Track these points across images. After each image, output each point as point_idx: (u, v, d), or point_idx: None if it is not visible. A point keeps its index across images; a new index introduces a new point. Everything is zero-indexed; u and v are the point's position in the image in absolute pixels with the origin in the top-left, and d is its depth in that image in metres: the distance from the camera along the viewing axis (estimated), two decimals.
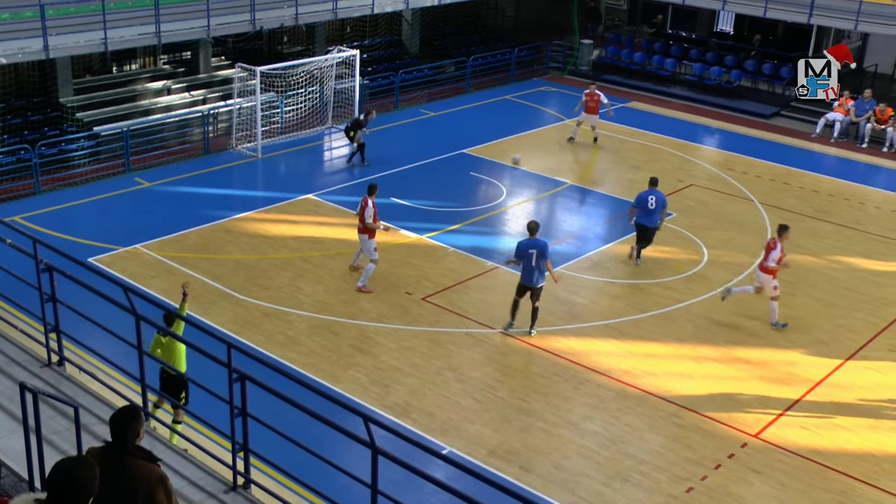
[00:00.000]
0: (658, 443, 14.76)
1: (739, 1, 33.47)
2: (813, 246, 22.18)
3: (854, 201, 25.51)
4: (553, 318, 18.07)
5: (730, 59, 35.20)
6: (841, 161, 29.03)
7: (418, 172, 24.99)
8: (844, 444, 15.07)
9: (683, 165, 27.29)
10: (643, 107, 32.90)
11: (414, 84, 32.10)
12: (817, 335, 18.25)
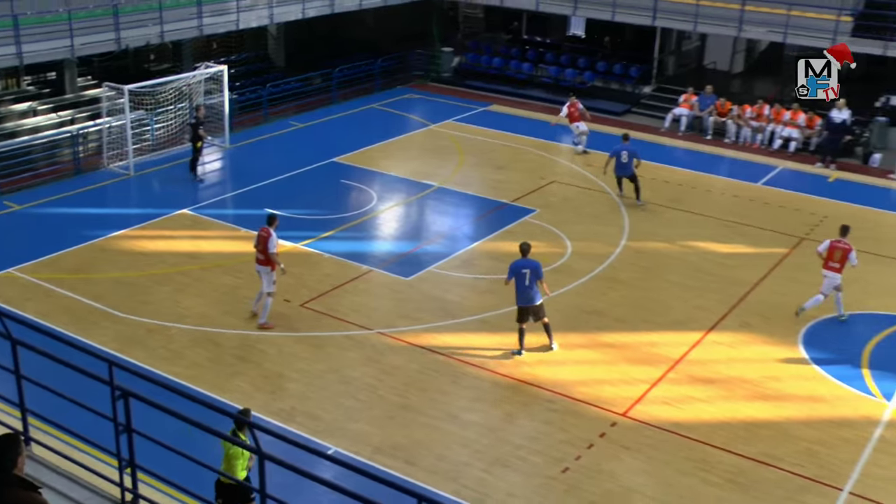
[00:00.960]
0: (534, 428, 15.08)
1: (589, 6, 34.11)
2: (666, 233, 22.91)
3: (701, 189, 26.37)
4: (428, 316, 18.24)
5: (583, 62, 36.04)
6: (688, 152, 29.98)
7: (290, 182, 24.86)
8: (702, 415, 15.73)
9: (545, 164, 27.74)
10: (504, 109, 33.37)
11: (282, 97, 31.93)
12: (674, 316, 18.88)
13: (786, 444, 14.95)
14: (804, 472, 14.30)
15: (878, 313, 19.49)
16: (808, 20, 30.68)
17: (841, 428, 15.51)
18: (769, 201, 25.68)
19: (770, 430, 15.32)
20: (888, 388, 16.72)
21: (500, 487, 13.58)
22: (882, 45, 30.07)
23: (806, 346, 18.07)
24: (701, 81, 32.97)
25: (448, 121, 31.43)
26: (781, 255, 22.01)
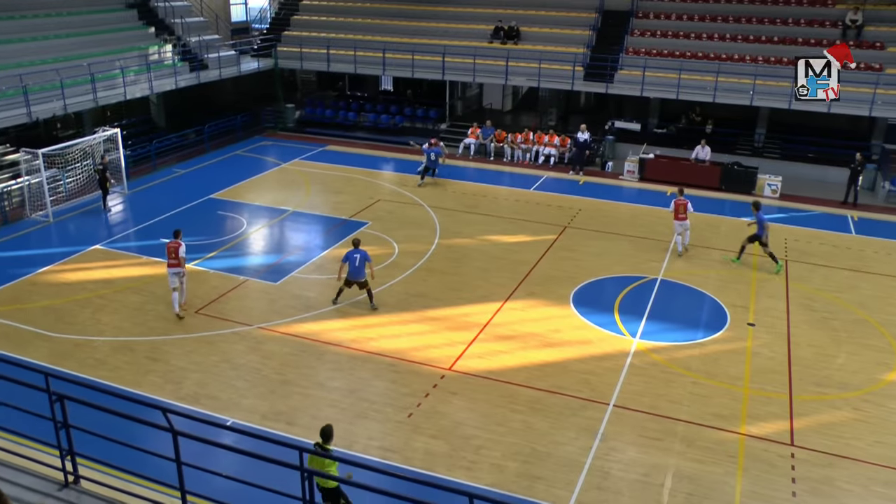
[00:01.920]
0: (383, 387, 15.03)
1: (394, 68, 34.32)
2: (468, 231, 23.22)
3: (490, 197, 26.83)
4: (294, 311, 17.91)
5: (394, 108, 36.08)
6: (477, 171, 30.44)
7: (179, 217, 23.89)
8: (507, 363, 16.01)
9: (372, 187, 27.67)
10: (338, 149, 33.05)
11: (166, 150, 30.64)
12: (481, 293, 19.12)
13: (567, 377, 15.45)
14: (582, 395, 14.83)
15: (620, 276, 20.39)
16: (553, 70, 31.79)
17: (604, 360, 16.15)
18: (539, 202, 26.42)
19: (555, 368, 15.77)
20: (633, 328, 17.54)
21: (362, 434, 13.52)
22: (604, 85, 31.53)
23: (575, 304, 18.69)
24: (482, 118, 33.67)
25: (295, 160, 30.95)
26: (552, 240, 22.70)
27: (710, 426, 14.08)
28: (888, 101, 28.37)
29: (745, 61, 30.92)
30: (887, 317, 18.81)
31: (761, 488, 12.53)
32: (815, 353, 16.92)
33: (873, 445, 13.83)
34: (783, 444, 13.67)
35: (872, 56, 30.37)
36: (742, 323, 18.04)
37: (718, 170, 28.48)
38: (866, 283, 20.71)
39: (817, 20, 32.18)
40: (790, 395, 15.19)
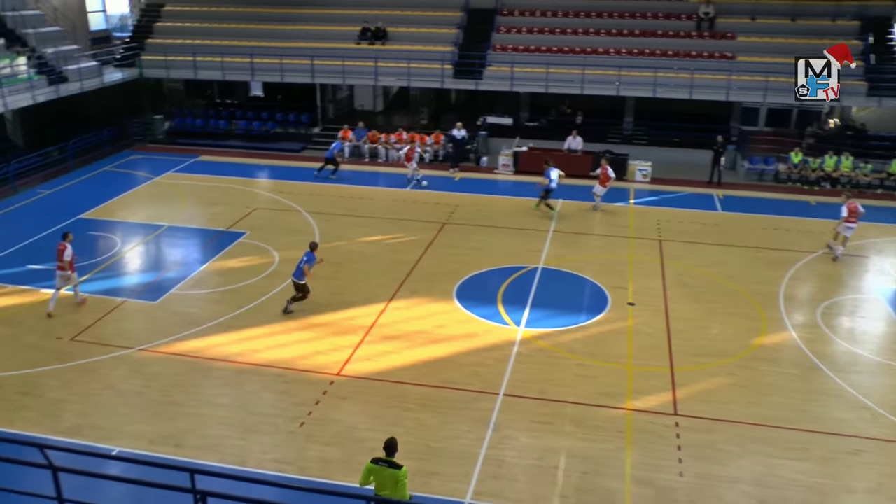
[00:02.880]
0: (272, 398, 14.81)
1: (264, 72, 33.78)
2: (348, 234, 23.13)
3: (367, 199, 26.84)
4: (176, 329, 17.39)
5: (265, 115, 35.48)
6: (353, 173, 30.37)
7: (47, 240, 22.59)
8: (395, 362, 16.06)
9: (248, 196, 27.16)
10: (210, 158, 32.26)
11: (27, 170, 29.05)
12: (363, 295, 19.09)
13: (457, 371, 15.64)
14: (472, 388, 15.05)
15: (501, 267, 20.79)
16: (423, 69, 32.05)
17: (491, 351, 16.44)
18: (416, 200, 26.59)
19: (444, 364, 15.94)
20: (517, 317, 17.93)
21: (255, 448, 13.28)
22: (474, 82, 32.06)
23: (459, 298, 18.92)
24: (355, 119, 33.61)
25: (168, 173, 30.00)
26: (432, 238, 22.90)
27: (598, 405, 14.57)
28: (742, 87, 30.17)
29: (610, 54, 32.08)
30: (754, 286, 19.93)
31: (650, 459, 13.06)
32: (691, 325, 17.76)
33: (748, 407, 14.66)
34: (667, 415, 14.29)
35: (725, 46, 32.14)
36: (622, 303, 18.73)
37: (590, 158, 29.41)
38: (734, 257, 21.88)
39: (673, 14, 33.80)
40: (671, 368, 15.90)
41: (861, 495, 12.52)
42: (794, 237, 23.55)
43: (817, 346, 17.14)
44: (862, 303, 19.62)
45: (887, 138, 31.27)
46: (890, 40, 32.13)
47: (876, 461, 13.36)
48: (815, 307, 19.04)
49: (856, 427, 14.25)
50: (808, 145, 30.66)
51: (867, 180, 28.87)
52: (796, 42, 31.78)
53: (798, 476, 12.84)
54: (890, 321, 18.64)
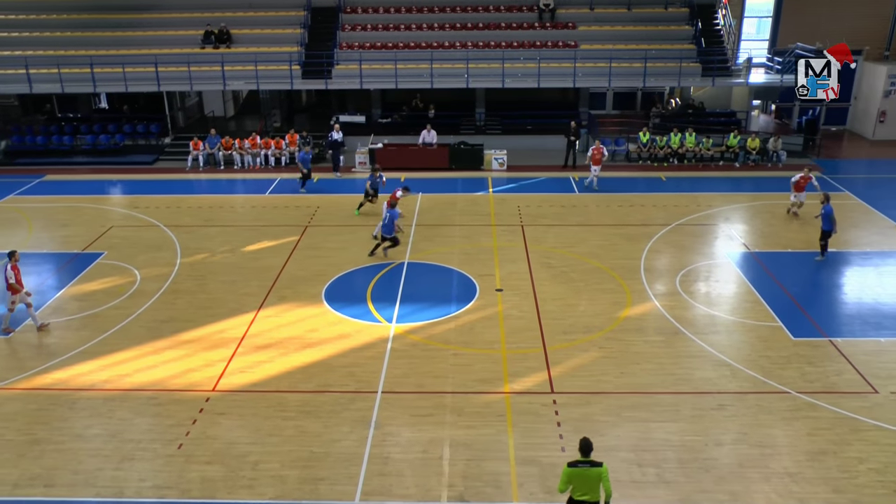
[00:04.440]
0: (146, 423, 14.23)
1: (105, 83, 32.19)
2: (209, 246, 22.47)
3: (226, 207, 26.18)
4: (35, 362, 16.36)
5: (112, 127, 33.92)
6: (210, 182, 29.55)
7: None
8: (270, 371, 15.79)
9: (102, 214, 25.87)
10: (58, 177, 30.51)
11: None
12: (231, 306, 18.63)
13: (332, 374, 15.51)
14: (350, 389, 14.97)
15: (368, 266, 20.74)
16: (271, 71, 31.50)
17: (365, 350, 16.40)
18: (277, 205, 26.13)
19: (319, 368, 15.78)
20: (388, 314, 17.96)
21: (132, 478, 12.70)
22: (323, 82, 31.79)
23: (328, 300, 18.76)
24: (206, 127, 32.67)
25: (9, 196, 28.10)
26: (295, 242, 22.57)
27: (476, 392, 14.79)
28: (587, 74, 31.33)
29: (457, 47, 32.53)
30: (615, 261, 20.77)
31: (531, 438, 13.39)
32: (559, 305, 18.30)
33: (620, 377, 15.29)
34: (544, 394, 14.67)
35: (568, 35, 33.22)
36: (490, 290, 19.07)
37: (446, 150, 29.76)
38: (594, 235, 22.70)
39: (515, 6, 34.71)
40: (544, 348, 16.34)
41: (728, 447, 13.30)
42: (649, 212, 24.63)
43: (678, 312, 18.03)
44: (715, 268, 20.78)
45: (723, 114, 33.33)
46: (716, 25, 34.15)
47: (738, 413, 14.22)
48: (673, 276, 20.00)
49: (718, 384, 15.11)
50: (654, 125, 32.17)
51: (709, 154, 30.56)
52: (634, 29, 33.40)
53: (671, 436, 13.50)
54: (740, 282, 19.83)
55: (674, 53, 32.10)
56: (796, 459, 13.01)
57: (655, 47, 32.04)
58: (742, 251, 21.96)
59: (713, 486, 12.32)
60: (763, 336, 17.10)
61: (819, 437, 13.58)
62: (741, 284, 19.78)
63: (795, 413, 14.28)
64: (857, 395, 14.88)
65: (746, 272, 20.48)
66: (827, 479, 12.49)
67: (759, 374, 15.53)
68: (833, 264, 21.17)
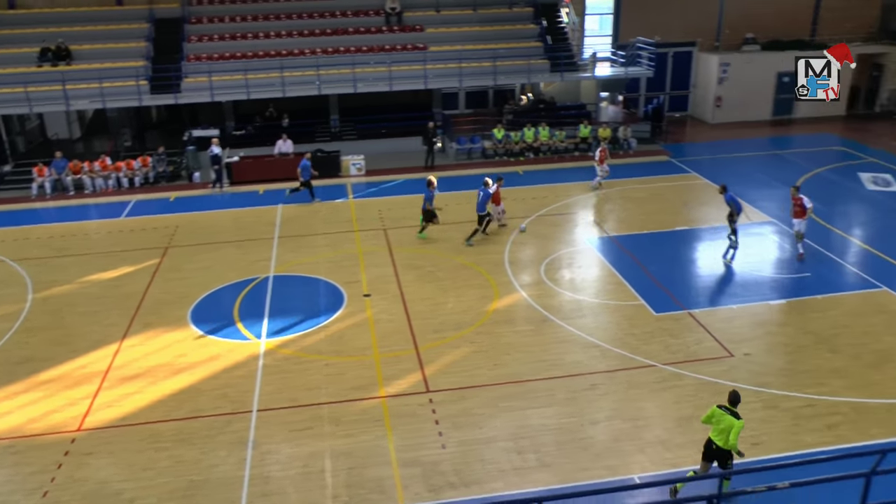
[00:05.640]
0: (4, 474, 13.25)
1: None
2: (65, 277, 21.17)
3: (80, 235, 24.76)
4: None
5: None
6: (60, 210, 27.72)
7: None
8: (140, 403, 15.12)
9: None
10: None
11: None
12: (93, 338, 17.72)
13: (204, 398, 15.00)
14: (223, 411, 14.52)
15: (233, 283, 20.17)
16: (117, 88, 30.12)
17: (237, 370, 15.96)
18: (133, 228, 25.00)
19: (190, 393, 15.22)
20: (256, 330, 17.54)
21: None
22: (172, 96, 30.71)
23: (195, 322, 18.13)
24: (50, 151, 30.85)
25: None
26: (156, 265, 21.66)
27: (352, 400, 14.67)
28: (438, 75, 31.64)
29: (307, 54, 32.14)
30: (480, 257, 21.14)
31: (412, 439, 13.39)
32: (428, 304, 18.39)
33: (493, 369, 15.54)
34: (420, 394, 14.70)
35: (416, 38, 33.46)
36: (358, 296, 18.95)
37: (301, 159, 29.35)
38: (456, 233, 22.97)
39: (362, 10, 34.63)
40: (416, 349, 16.37)
41: (602, 423, 13.77)
42: (509, 206, 25.04)
43: (545, 300, 18.46)
44: (577, 254, 21.42)
45: (573, 107, 34.42)
46: (560, 23, 35.27)
47: (609, 391, 14.73)
48: (538, 265, 20.47)
49: (588, 365, 15.60)
50: (507, 121, 32.82)
51: (563, 146, 31.48)
52: (481, 30, 34.02)
53: (547, 421, 13.81)
54: (602, 266, 20.53)
55: (522, 51, 32.90)
56: (666, 427, 13.59)
57: (503, 46, 32.74)
58: (601, 236, 22.74)
59: (591, 463, 12.68)
60: (627, 315, 17.76)
61: (685, 404, 14.25)
62: (603, 268, 20.47)
63: (662, 384, 14.93)
64: (715, 361, 15.72)
65: (607, 256, 21.22)
66: (696, 441, 13.06)
67: (626, 351, 16.12)
68: (686, 240, 22.26)
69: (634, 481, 12.18)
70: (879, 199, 25.91)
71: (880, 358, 15.88)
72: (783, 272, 20.17)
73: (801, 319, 17.58)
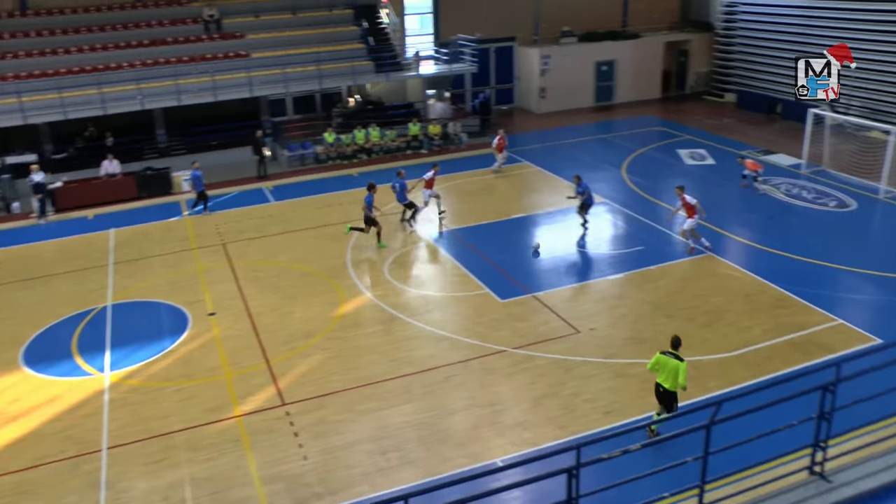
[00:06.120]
0: None
1: None
2: None
3: None
4: None
5: None
6: None
7: None
8: None
9: None
10: None
11: None
12: None
13: (46, 443, 13.97)
14: (70, 454, 13.59)
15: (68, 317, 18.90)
16: None
17: (81, 408, 14.97)
18: None
19: (30, 440, 14.12)
20: (98, 364, 16.55)
21: None
22: None
23: (28, 364, 16.84)
24: None
25: None
26: None
27: (207, 423, 14.15)
28: (263, 82, 31.09)
29: (125, 68, 30.67)
30: (323, 262, 20.91)
31: (272, 455, 13.09)
32: (275, 316, 18.03)
33: (347, 373, 15.45)
34: (276, 408, 14.41)
35: (237, 45, 32.69)
36: (203, 316, 18.32)
37: (133, 179, 28.07)
38: (297, 241, 22.63)
39: (180, 19, 33.40)
40: (268, 362, 16.03)
41: (461, 413, 13.98)
42: (347, 209, 25.00)
43: (392, 299, 18.53)
44: (419, 251, 21.64)
45: (401, 106, 34.67)
46: (381, 24, 35.46)
47: (464, 380, 14.99)
48: (381, 266, 20.52)
49: (441, 358, 15.81)
50: (337, 124, 32.61)
51: (395, 145, 31.64)
52: (302, 33, 33.66)
53: (406, 418, 13.88)
54: (445, 260, 20.87)
55: (345, 54, 32.79)
56: (523, 408, 13.98)
57: (326, 49, 32.53)
58: (442, 230, 23.06)
59: (454, 454, 12.86)
60: (475, 305, 18.11)
61: (539, 384, 14.71)
62: (446, 262, 20.77)
63: (515, 367, 15.34)
64: (563, 339, 16.32)
65: (449, 249, 21.55)
66: (551, 418, 13.57)
67: (476, 340, 16.44)
68: (524, 227, 22.95)
69: (497, 465, 12.45)
70: (698, 173, 27.74)
71: (711, 318, 17.04)
72: (618, 248, 21.21)
73: (639, 290, 18.55)
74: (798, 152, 28.28)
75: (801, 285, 18.36)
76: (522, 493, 11.79)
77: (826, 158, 27.17)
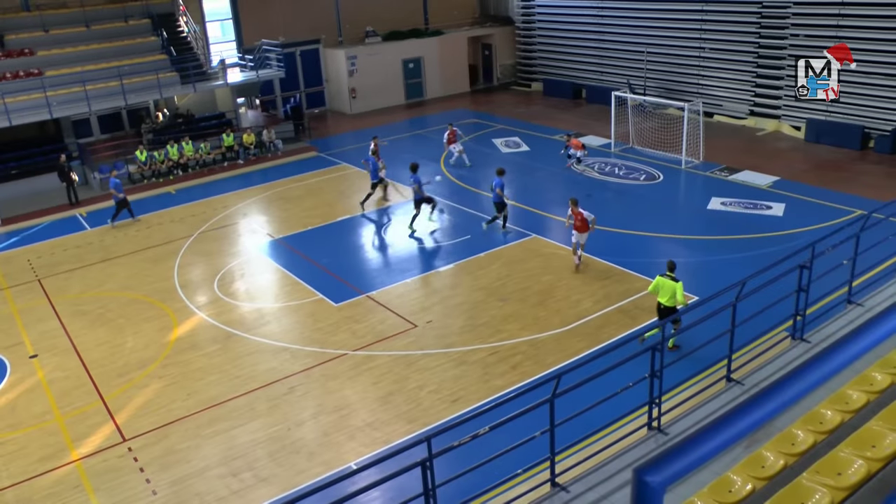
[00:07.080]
0: None
1: None
2: None
3: None
4: None
5: None
6: None
7: None
8: None
9: None
10: None
11: None
12: None
13: None
14: None
15: None
16: None
17: None
18: None
19: None
20: None
21: None
22: None
23: None
24: None
25: None
26: None
27: (41, 474, 13.20)
28: (62, 101, 28.98)
29: None
30: (150, 286, 19.99)
31: (119, 496, 12.41)
32: (105, 349, 17.07)
33: (188, 399, 14.88)
34: (117, 445, 13.68)
35: (29, 63, 30.40)
36: (24, 360, 17.03)
37: None
38: (120, 268, 21.49)
39: None
40: (102, 399, 15.15)
41: (309, 423, 13.84)
42: (168, 228, 24.04)
43: (225, 316, 18.03)
44: (247, 264, 21.13)
45: (213, 117, 33.53)
46: (181, 33, 34.15)
47: (308, 390, 14.84)
48: (211, 283, 19.88)
49: (282, 370, 15.56)
50: (148, 141, 31.15)
51: (211, 157, 30.66)
52: (99, 47, 31.82)
53: (255, 435, 13.58)
54: (275, 270, 20.50)
55: (147, 66, 31.33)
56: (371, 409, 14.03)
57: (127, 62, 30.96)
58: (268, 240, 22.65)
59: (308, 464, 12.72)
60: (310, 312, 17.94)
61: (383, 382, 14.80)
62: (276, 272, 20.43)
63: (357, 369, 15.34)
64: (402, 335, 16.50)
65: (278, 259, 21.21)
66: (400, 414, 13.71)
67: (316, 347, 16.31)
68: (349, 229, 22.95)
69: (352, 468, 12.44)
70: (514, 160, 28.75)
71: (543, 296, 17.78)
72: (444, 240, 21.64)
73: (470, 278, 19.04)
74: (606, 133, 29.94)
75: (623, 256, 19.54)
76: (381, 493, 11.84)
77: (632, 136, 29.04)
